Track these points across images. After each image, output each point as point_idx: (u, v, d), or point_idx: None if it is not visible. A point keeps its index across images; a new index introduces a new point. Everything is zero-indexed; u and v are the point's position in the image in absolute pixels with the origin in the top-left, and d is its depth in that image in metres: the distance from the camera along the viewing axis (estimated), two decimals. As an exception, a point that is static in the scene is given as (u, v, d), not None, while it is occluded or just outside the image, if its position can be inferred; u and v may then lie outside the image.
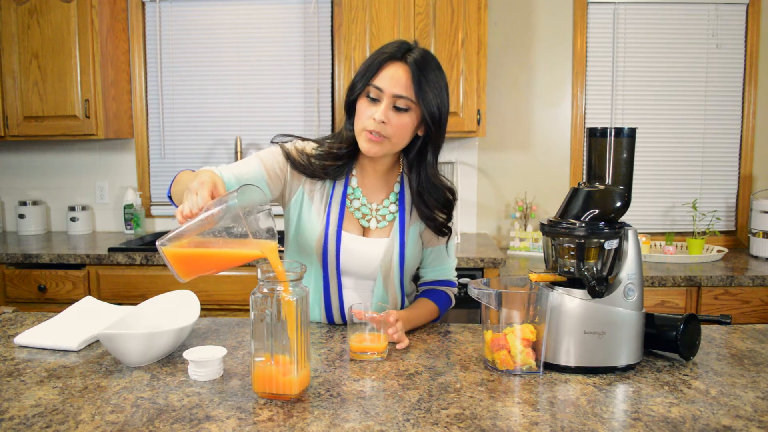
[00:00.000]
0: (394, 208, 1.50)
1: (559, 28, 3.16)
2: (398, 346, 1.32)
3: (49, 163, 3.38)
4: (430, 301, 1.55)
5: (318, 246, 1.44)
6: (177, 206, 1.29)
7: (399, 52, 1.35)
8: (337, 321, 1.51)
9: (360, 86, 1.37)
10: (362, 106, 1.37)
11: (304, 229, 1.47)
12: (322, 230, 1.44)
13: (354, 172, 1.49)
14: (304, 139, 1.50)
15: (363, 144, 1.38)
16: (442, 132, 1.41)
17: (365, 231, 1.49)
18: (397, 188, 1.51)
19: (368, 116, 1.35)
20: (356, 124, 1.39)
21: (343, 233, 1.45)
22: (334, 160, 1.44)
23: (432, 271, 1.60)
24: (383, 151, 1.38)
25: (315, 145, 1.48)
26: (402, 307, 1.54)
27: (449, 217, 1.51)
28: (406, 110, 1.35)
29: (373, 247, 1.47)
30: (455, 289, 1.61)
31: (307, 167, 1.44)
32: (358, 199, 1.48)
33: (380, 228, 1.49)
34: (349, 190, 1.48)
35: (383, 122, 1.33)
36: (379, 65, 1.35)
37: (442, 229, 1.51)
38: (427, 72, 1.34)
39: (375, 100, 1.35)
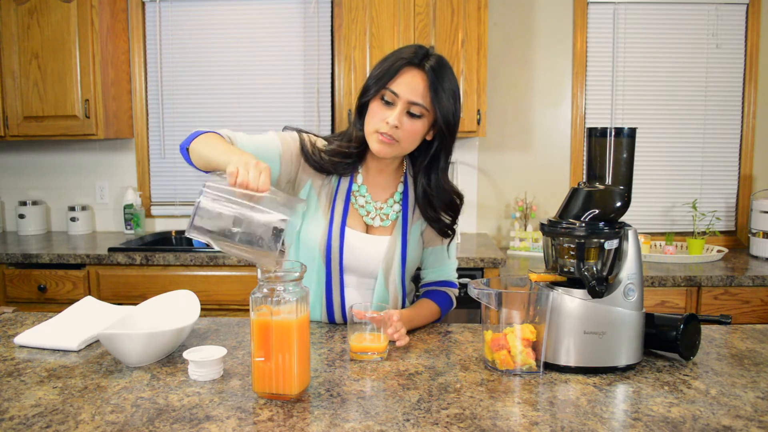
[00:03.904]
0: (397, 207, 1.51)
1: (559, 28, 3.16)
2: (398, 344, 1.32)
3: (49, 163, 3.38)
4: (431, 301, 1.55)
5: (322, 242, 1.45)
6: (190, 161, 1.32)
7: (416, 57, 1.36)
8: (338, 320, 1.51)
9: (376, 89, 1.37)
10: (376, 108, 1.38)
11: (309, 224, 1.47)
12: (326, 226, 1.45)
13: (360, 170, 1.51)
14: (315, 135, 1.52)
15: (374, 145, 1.39)
16: (454, 137, 1.43)
17: (368, 228, 1.51)
18: (401, 188, 1.53)
19: (381, 119, 1.36)
20: (368, 125, 1.40)
21: (347, 230, 1.46)
22: (343, 157, 1.45)
23: (433, 272, 1.60)
24: (393, 154, 1.40)
25: (324, 142, 1.50)
26: (402, 306, 1.54)
27: (454, 220, 1.53)
28: (419, 116, 1.37)
29: (375, 244, 1.48)
30: (456, 290, 1.62)
31: (318, 161, 1.45)
32: (363, 196, 1.50)
33: (383, 226, 1.50)
34: (354, 188, 1.50)
35: (396, 127, 1.35)
36: (396, 70, 1.35)
37: (446, 231, 1.53)
38: (443, 80, 1.36)
39: (389, 104, 1.36)
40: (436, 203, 1.49)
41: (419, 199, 1.49)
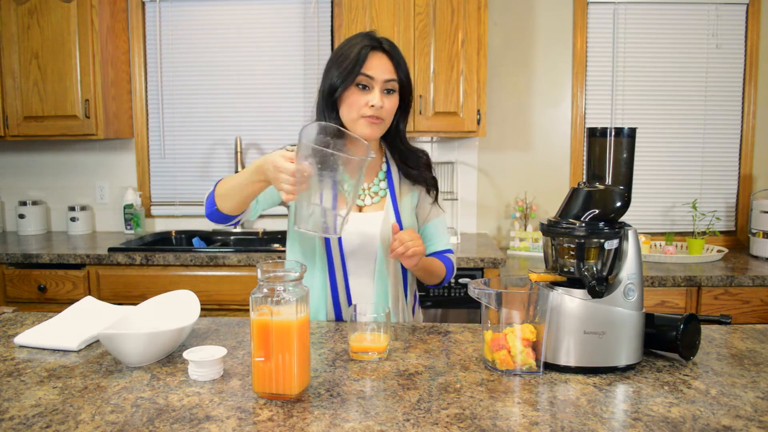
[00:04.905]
0: (383, 185, 1.59)
1: (559, 28, 3.16)
2: (409, 253, 1.39)
3: (49, 163, 3.38)
4: (436, 258, 1.63)
5: None
6: (217, 209, 1.41)
7: (374, 42, 1.49)
8: (345, 317, 1.53)
9: (350, 78, 1.45)
10: (353, 96, 1.46)
11: None
12: None
13: None
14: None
15: (363, 129, 1.47)
16: (411, 104, 1.58)
17: (360, 209, 1.57)
18: (384, 167, 1.60)
19: (363, 104, 1.45)
20: (348, 114, 1.48)
21: None
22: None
23: (430, 247, 1.66)
24: (381, 132, 1.50)
25: None
26: (405, 288, 1.59)
27: (431, 173, 1.64)
28: (393, 92, 1.50)
29: (370, 220, 1.53)
30: (454, 256, 1.70)
31: None
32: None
33: (374, 203, 1.57)
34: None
35: (381, 107, 1.45)
36: (365, 57, 1.46)
37: (430, 185, 1.62)
38: (399, 55, 1.51)
39: (366, 88, 1.46)
40: (412, 164, 1.60)
41: (400, 164, 1.59)
